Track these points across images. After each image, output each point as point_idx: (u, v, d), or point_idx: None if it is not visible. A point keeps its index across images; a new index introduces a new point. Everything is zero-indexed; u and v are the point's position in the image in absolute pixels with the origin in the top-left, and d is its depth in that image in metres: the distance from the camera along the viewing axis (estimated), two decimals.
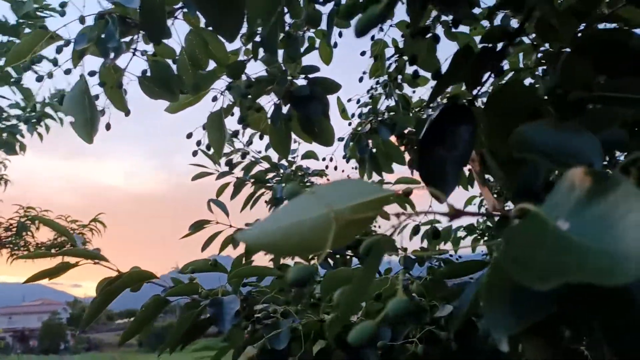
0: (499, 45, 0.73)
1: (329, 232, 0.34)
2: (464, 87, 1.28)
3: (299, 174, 2.48)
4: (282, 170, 2.31)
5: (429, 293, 0.98)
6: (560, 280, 0.24)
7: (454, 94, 0.78)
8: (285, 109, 1.01)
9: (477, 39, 1.75)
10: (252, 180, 2.19)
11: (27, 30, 2.46)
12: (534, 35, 0.81)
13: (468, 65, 0.70)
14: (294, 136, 1.15)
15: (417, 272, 1.55)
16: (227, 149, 2.21)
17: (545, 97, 0.60)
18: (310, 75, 1.01)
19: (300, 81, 1.05)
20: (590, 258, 0.24)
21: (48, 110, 3.49)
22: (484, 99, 0.73)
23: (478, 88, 0.72)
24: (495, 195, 1.56)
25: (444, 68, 1.29)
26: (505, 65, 1.18)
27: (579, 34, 0.71)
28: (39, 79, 0.93)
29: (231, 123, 1.34)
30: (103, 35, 0.81)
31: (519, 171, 0.46)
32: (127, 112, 0.99)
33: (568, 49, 0.71)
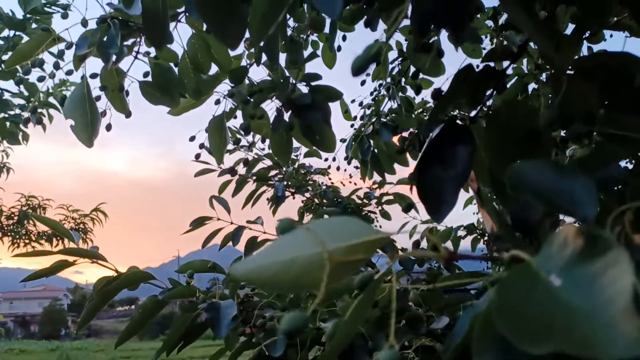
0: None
1: (323, 272, 0.34)
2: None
3: (302, 172, 2.48)
4: (284, 168, 2.31)
5: (427, 303, 0.98)
6: (548, 348, 0.24)
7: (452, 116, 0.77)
8: (286, 116, 1.01)
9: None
10: (254, 177, 2.19)
11: (34, 25, 2.46)
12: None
13: (468, 84, 0.70)
14: None
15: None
16: (230, 145, 2.21)
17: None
18: (312, 83, 1.01)
19: (303, 87, 1.05)
20: (577, 321, 0.24)
21: (51, 100, 3.49)
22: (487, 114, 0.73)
23: (479, 107, 0.72)
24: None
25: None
26: (509, 70, 1.18)
27: (586, 55, 0.71)
28: (41, 79, 0.92)
29: (234, 122, 1.35)
30: (105, 38, 0.81)
31: (516, 202, 0.46)
32: (128, 115, 0.99)
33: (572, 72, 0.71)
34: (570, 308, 0.25)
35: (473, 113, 0.68)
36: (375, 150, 1.68)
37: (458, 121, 0.76)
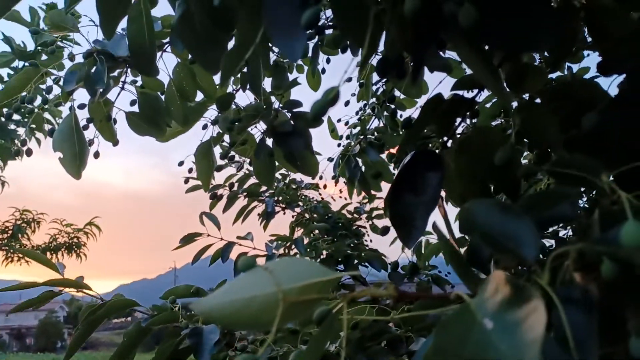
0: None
1: (276, 311, 0.36)
2: None
3: (293, 187, 2.50)
4: (275, 184, 2.33)
5: (406, 324, 1.00)
6: None
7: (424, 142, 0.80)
8: (269, 141, 1.04)
9: None
10: (245, 193, 2.21)
11: (44, 57, 2.50)
12: None
13: (439, 113, 0.73)
14: None
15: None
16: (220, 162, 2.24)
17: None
18: (294, 110, 1.04)
19: (287, 112, 1.07)
20: None
21: (46, 115, 3.51)
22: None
23: (450, 134, 0.75)
24: None
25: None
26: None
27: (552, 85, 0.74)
28: (30, 111, 0.95)
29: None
30: (92, 74, 0.84)
31: (469, 238, 0.49)
32: (116, 143, 1.02)
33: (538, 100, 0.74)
34: (499, 351, 0.28)
35: (447, 139, 0.71)
36: (363, 169, 1.71)
37: (429, 147, 0.79)
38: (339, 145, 1.70)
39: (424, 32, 0.44)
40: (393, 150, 1.74)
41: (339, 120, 1.72)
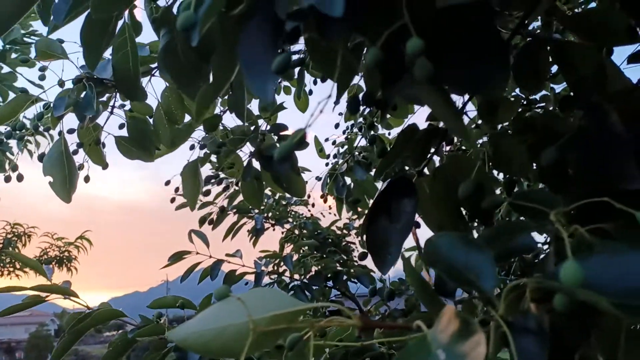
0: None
1: (247, 340, 0.39)
2: None
3: (282, 203, 2.53)
4: (265, 200, 2.36)
5: (389, 342, 1.02)
6: None
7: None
8: (257, 164, 1.06)
9: None
10: (234, 210, 2.23)
11: (13, 55, 2.53)
12: None
13: (413, 142, 0.76)
14: None
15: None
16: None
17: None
18: (281, 133, 1.06)
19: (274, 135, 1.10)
20: None
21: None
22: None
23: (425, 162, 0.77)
24: None
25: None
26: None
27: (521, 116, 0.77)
28: (21, 137, 0.97)
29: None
30: (82, 100, 0.86)
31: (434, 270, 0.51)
32: (105, 167, 1.04)
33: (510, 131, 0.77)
34: None
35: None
36: (352, 186, 1.74)
37: (405, 175, 0.82)
38: (326, 164, 1.73)
39: (389, 75, 0.47)
40: None
41: (326, 140, 1.75)
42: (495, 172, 0.87)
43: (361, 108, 1.63)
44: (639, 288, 0.35)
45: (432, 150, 0.78)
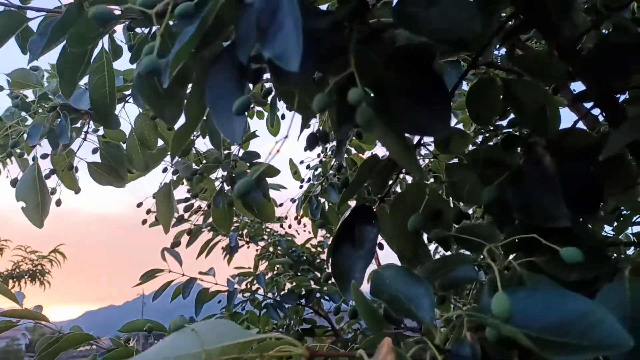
0: None
1: None
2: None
3: (257, 220, 2.55)
4: (240, 217, 2.38)
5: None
6: None
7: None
8: (228, 190, 1.10)
9: None
10: (209, 228, 2.25)
11: None
12: None
13: (375, 172, 0.80)
14: None
15: None
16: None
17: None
18: (253, 160, 1.10)
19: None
20: None
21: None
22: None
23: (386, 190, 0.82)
24: None
25: None
26: None
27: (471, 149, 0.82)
28: None
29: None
30: (56, 128, 0.88)
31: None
32: (77, 191, 1.06)
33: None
34: None
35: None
36: (327, 207, 1.78)
37: (366, 203, 0.86)
38: (300, 187, 1.76)
39: (341, 116, 0.51)
40: None
41: (301, 162, 1.79)
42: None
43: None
44: (556, 324, 0.39)
45: (392, 179, 0.82)
